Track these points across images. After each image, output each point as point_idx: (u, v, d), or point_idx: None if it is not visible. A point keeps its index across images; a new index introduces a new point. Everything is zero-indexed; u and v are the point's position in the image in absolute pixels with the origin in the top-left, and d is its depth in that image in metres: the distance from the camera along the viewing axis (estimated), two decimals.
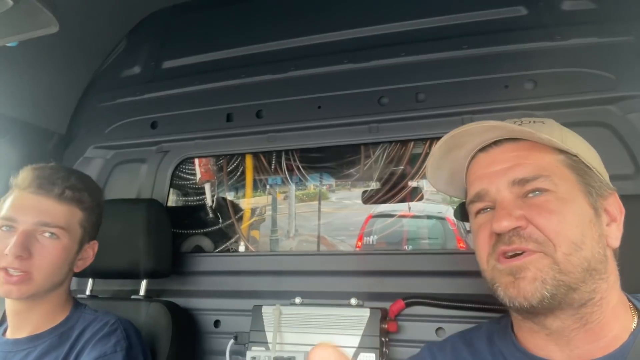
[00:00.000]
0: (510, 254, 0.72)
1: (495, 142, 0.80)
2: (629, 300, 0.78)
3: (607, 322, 0.72)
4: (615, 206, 0.78)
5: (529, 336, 0.78)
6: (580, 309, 0.71)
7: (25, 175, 1.15)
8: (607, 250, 0.74)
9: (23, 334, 1.15)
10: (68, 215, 1.14)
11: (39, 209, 1.10)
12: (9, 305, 1.15)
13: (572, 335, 0.72)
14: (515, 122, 0.80)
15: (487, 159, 0.80)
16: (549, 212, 0.71)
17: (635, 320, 0.75)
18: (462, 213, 1.00)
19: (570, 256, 0.70)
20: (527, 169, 0.75)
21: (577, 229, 0.71)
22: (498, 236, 0.74)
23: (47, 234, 1.11)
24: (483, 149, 0.82)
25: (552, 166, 0.75)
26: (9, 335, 1.17)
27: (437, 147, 0.84)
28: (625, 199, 0.80)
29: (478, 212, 0.80)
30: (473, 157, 0.84)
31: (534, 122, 0.80)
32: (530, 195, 0.74)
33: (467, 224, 3.16)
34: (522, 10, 1.41)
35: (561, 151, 0.76)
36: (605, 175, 0.80)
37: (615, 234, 0.76)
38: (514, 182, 0.75)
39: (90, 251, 1.23)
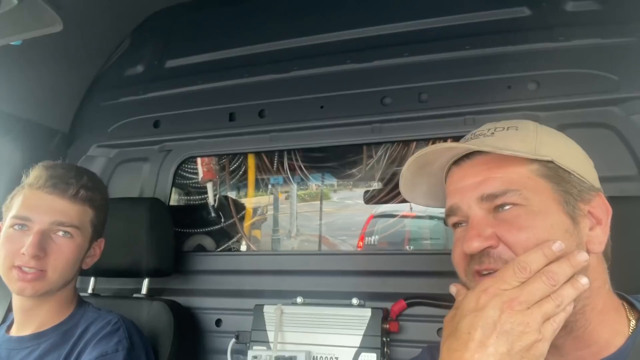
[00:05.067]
0: (484, 272, 0.72)
1: (467, 155, 0.78)
2: (628, 302, 0.76)
3: (594, 329, 0.71)
4: (601, 208, 0.73)
5: None
6: None
7: (37, 174, 1.15)
8: (590, 257, 0.70)
9: (28, 331, 1.15)
10: (81, 215, 1.15)
11: (54, 209, 1.11)
12: (17, 301, 1.16)
13: (559, 342, 0.71)
14: (489, 130, 0.79)
15: (459, 173, 0.79)
16: (518, 228, 0.70)
17: (634, 322, 0.73)
18: None
19: None
20: (495, 184, 0.73)
21: None
22: (471, 255, 0.74)
23: (61, 233, 1.12)
24: (456, 162, 0.80)
25: (523, 178, 0.72)
26: (14, 332, 1.17)
27: (405, 169, 0.84)
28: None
29: (454, 224, 0.80)
30: (449, 169, 0.83)
31: (508, 128, 0.78)
32: (500, 210, 0.72)
33: None
34: (526, 11, 1.40)
35: (535, 159, 0.73)
36: (589, 176, 0.75)
37: (599, 238, 0.72)
38: (482, 198, 0.73)
39: (98, 249, 1.24)
